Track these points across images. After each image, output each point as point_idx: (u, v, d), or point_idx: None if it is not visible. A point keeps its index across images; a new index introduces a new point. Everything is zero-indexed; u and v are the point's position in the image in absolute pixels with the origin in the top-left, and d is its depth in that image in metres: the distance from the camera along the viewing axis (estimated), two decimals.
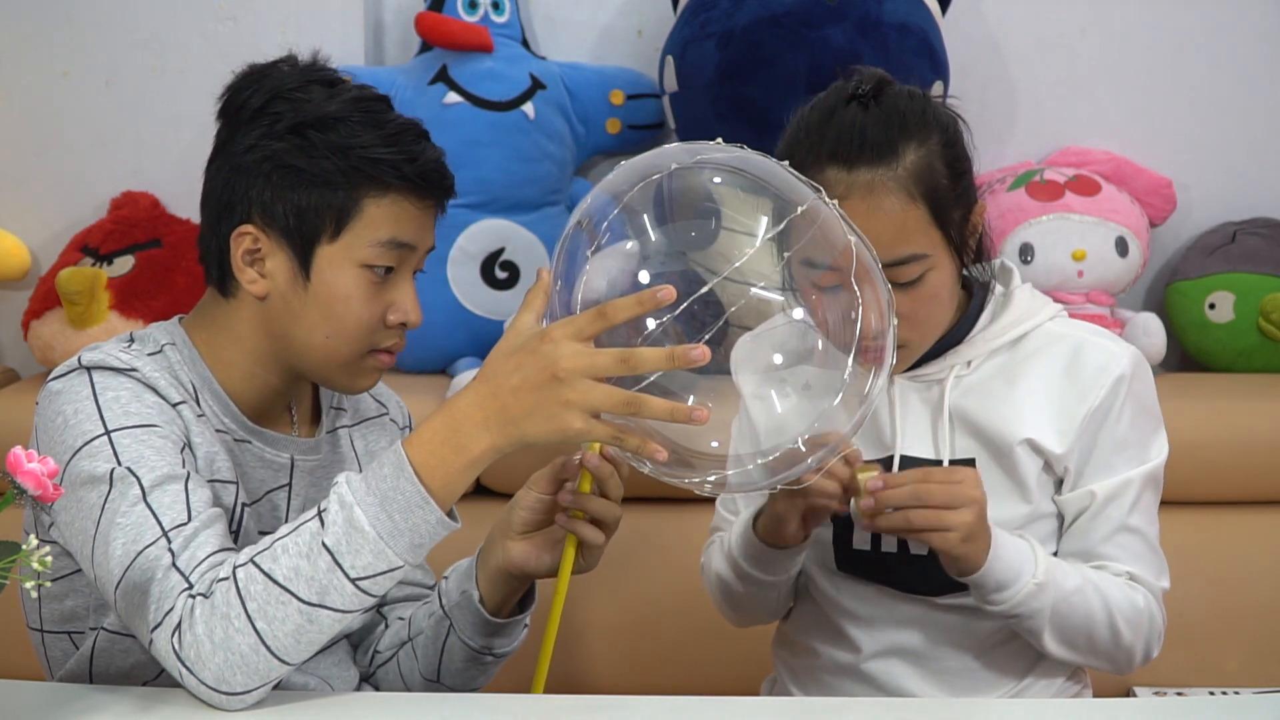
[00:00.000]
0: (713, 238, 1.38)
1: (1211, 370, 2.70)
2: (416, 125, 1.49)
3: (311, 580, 1.27)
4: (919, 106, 1.58)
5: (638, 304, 1.26)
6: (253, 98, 1.46)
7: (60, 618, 1.49)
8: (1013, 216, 2.65)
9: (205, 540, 1.33)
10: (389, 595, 1.67)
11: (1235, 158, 2.78)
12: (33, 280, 2.70)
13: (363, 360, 1.49)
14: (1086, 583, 1.58)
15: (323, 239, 1.45)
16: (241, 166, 1.46)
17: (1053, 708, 1.54)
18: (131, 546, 1.32)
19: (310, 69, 1.49)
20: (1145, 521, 1.65)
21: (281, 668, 1.29)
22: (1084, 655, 1.62)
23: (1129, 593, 1.61)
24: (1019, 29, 2.77)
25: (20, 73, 2.70)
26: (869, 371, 1.39)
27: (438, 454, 1.29)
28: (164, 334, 1.51)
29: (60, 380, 1.42)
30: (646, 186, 1.36)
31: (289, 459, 1.54)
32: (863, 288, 1.38)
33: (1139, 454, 1.64)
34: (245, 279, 1.47)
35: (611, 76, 2.69)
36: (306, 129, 1.44)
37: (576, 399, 1.26)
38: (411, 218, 1.47)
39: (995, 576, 1.53)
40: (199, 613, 1.28)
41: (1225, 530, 2.33)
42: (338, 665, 1.56)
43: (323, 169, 1.43)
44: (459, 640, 1.57)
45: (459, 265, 2.57)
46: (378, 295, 1.47)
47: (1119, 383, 1.61)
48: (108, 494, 1.34)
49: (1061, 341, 1.64)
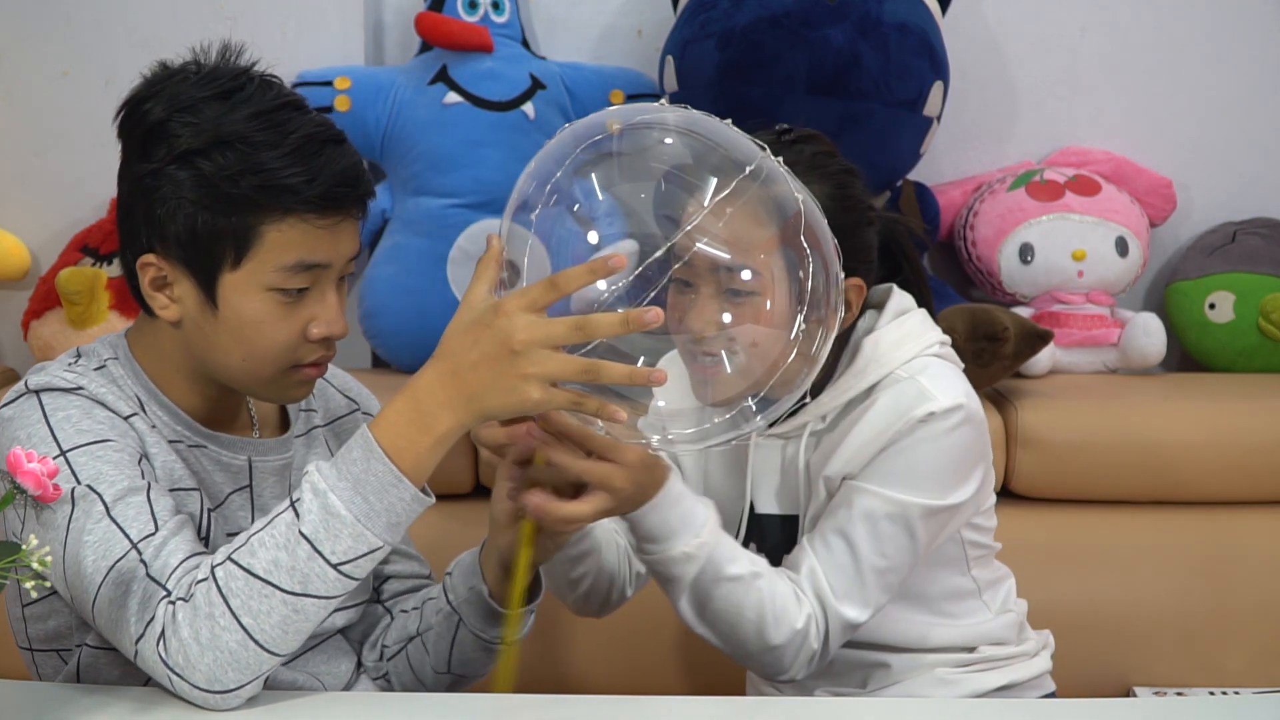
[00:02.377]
0: (661, 198, 1.39)
1: (1211, 370, 2.70)
2: (323, 131, 1.41)
3: (293, 570, 1.28)
4: (821, 160, 1.59)
5: (589, 272, 1.27)
6: (151, 111, 1.40)
7: (46, 637, 1.49)
8: (1013, 216, 2.65)
9: (175, 547, 1.33)
10: (390, 588, 1.67)
11: (1235, 158, 2.78)
12: (33, 280, 2.70)
13: (286, 376, 1.46)
14: (753, 578, 1.53)
15: (224, 267, 1.40)
16: (140, 191, 1.41)
17: (1053, 707, 1.54)
18: (102, 562, 1.32)
19: (210, 76, 1.42)
20: (871, 545, 1.56)
21: (271, 660, 1.30)
22: (725, 643, 1.57)
23: (791, 607, 1.54)
24: (1019, 29, 2.77)
25: (20, 73, 2.70)
26: (816, 330, 1.39)
27: (405, 434, 1.29)
28: (107, 349, 1.49)
29: (10, 407, 1.41)
30: (592, 149, 1.36)
31: (246, 460, 1.53)
32: (812, 247, 1.38)
33: (911, 483, 1.57)
34: (157, 305, 1.44)
35: (611, 76, 2.69)
36: (198, 156, 1.38)
37: (534, 370, 1.26)
38: (318, 237, 1.40)
39: (646, 526, 1.50)
40: (181, 617, 1.28)
41: (1225, 530, 2.33)
42: (328, 661, 1.56)
43: (216, 198, 1.37)
44: (470, 633, 1.58)
45: (459, 265, 2.57)
46: (292, 314, 1.42)
47: (925, 419, 1.56)
48: (71, 513, 1.33)
49: (896, 386, 1.60)
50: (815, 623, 1.56)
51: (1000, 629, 1.74)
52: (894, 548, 1.57)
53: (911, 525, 1.57)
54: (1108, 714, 1.48)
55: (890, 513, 1.57)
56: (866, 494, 1.57)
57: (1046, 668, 1.79)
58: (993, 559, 1.77)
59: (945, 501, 1.59)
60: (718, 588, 1.52)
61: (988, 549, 1.75)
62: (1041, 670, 1.78)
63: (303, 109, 1.43)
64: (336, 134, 1.43)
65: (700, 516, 1.52)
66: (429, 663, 1.62)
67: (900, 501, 1.57)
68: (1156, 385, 2.56)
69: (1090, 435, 2.34)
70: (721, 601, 1.53)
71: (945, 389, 1.59)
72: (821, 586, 1.56)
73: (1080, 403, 2.41)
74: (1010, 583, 1.79)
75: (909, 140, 2.56)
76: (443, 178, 2.57)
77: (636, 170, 1.39)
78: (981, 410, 1.62)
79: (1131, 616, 2.28)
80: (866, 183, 1.66)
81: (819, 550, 1.58)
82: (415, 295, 2.55)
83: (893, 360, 1.61)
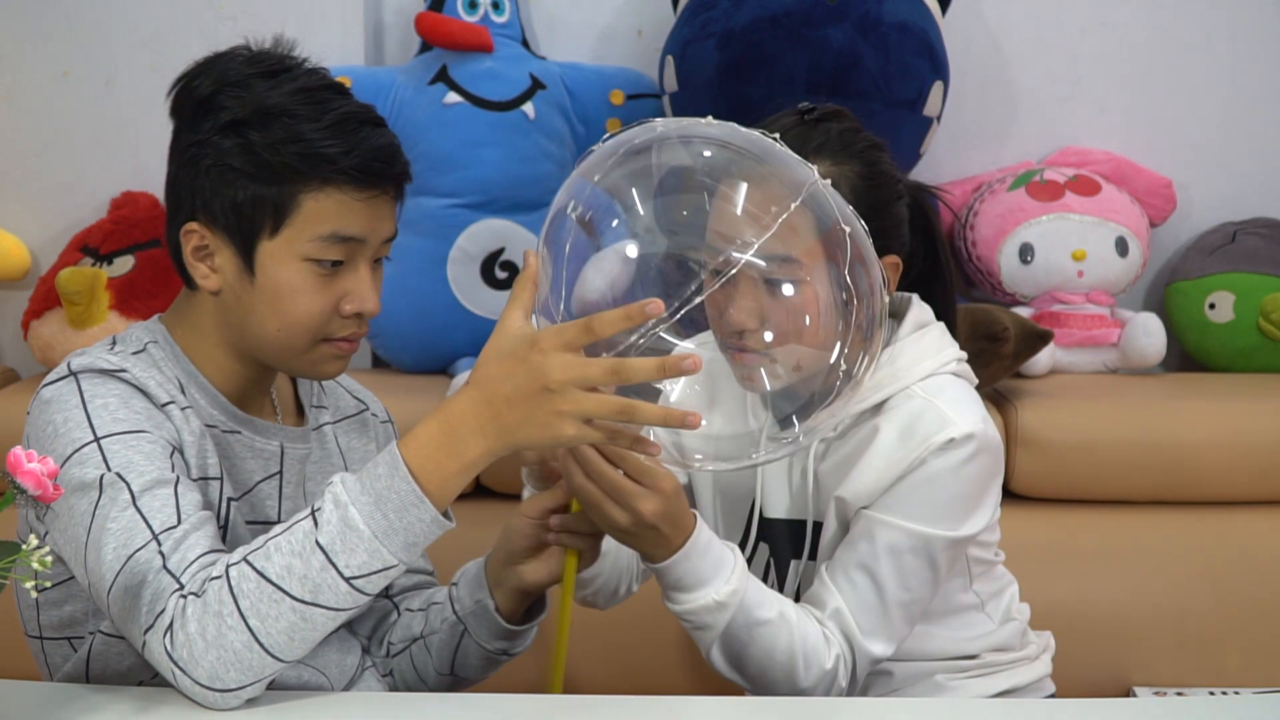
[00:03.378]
0: (707, 216, 1.38)
1: (1211, 370, 2.70)
2: (363, 112, 1.46)
3: (305, 579, 1.28)
4: (849, 137, 1.59)
5: (625, 318, 1.27)
6: (200, 87, 1.46)
7: (59, 624, 1.49)
8: (1013, 216, 2.65)
9: (195, 542, 1.33)
10: (398, 583, 1.68)
11: (1235, 158, 2.78)
12: (33, 280, 2.70)
13: (317, 349, 1.48)
14: (782, 620, 1.51)
15: (262, 235, 1.44)
16: (186, 162, 1.46)
17: (1053, 708, 1.54)
18: (122, 550, 1.32)
19: (260, 58, 1.48)
20: (895, 580, 1.55)
21: (275, 665, 1.30)
22: (755, 686, 1.55)
23: (820, 649, 1.53)
24: (1019, 29, 2.77)
25: (20, 73, 2.70)
26: (859, 353, 1.39)
27: (434, 458, 1.30)
28: (145, 333, 1.51)
29: (51, 388, 1.42)
30: (636, 165, 1.36)
31: (279, 446, 1.55)
32: (855, 269, 1.37)
33: (934, 516, 1.55)
34: (198, 275, 1.47)
35: (611, 76, 2.69)
36: (243, 126, 1.42)
37: (569, 408, 1.27)
38: (355, 210, 1.44)
39: (676, 575, 1.48)
40: (191, 611, 1.28)
41: (1225, 530, 2.34)
42: (334, 655, 1.56)
43: (257, 165, 1.42)
44: (475, 643, 1.60)
45: (459, 265, 2.57)
46: (327, 287, 1.45)
47: (944, 446, 1.54)
48: (98, 500, 1.34)
49: (909, 403, 1.57)
50: (843, 662, 1.55)
51: (1003, 637, 1.74)
52: (917, 580, 1.57)
53: (934, 557, 1.56)
54: (1108, 714, 1.48)
55: (913, 546, 1.55)
56: (888, 527, 1.55)
57: (1047, 671, 1.79)
58: (996, 568, 1.76)
59: (965, 532, 1.58)
60: (750, 633, 1.50)
61: (991, 562, 1.74)
62: (1042, 674, 1.77)
63: (344, 93, 1.48)
64: (376, 117, 1.47)
65: (729, 562, 1.50)
66: (431, 665, 1.63)
67: (923, 535, 1.55)
68: (1156, 385, 2.56)
69: (1090, 435, 2.34)
70: (754, 647, 1.51)
71: (963, 414, 1.56)
72: (849, 625, 1.55)
73: (1080, 403, 2.41)
74: (1013, 590, 1.78)
75: (909, 140, 2.56)
76: (443, 178, 2.57)
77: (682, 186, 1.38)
78: (997, 433, 1.60)
79: (1131, 616, 2.28)
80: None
81: (843, 588, 1.56)
82: (415, 295, 2.55)
83: (909, 376, 1.59)
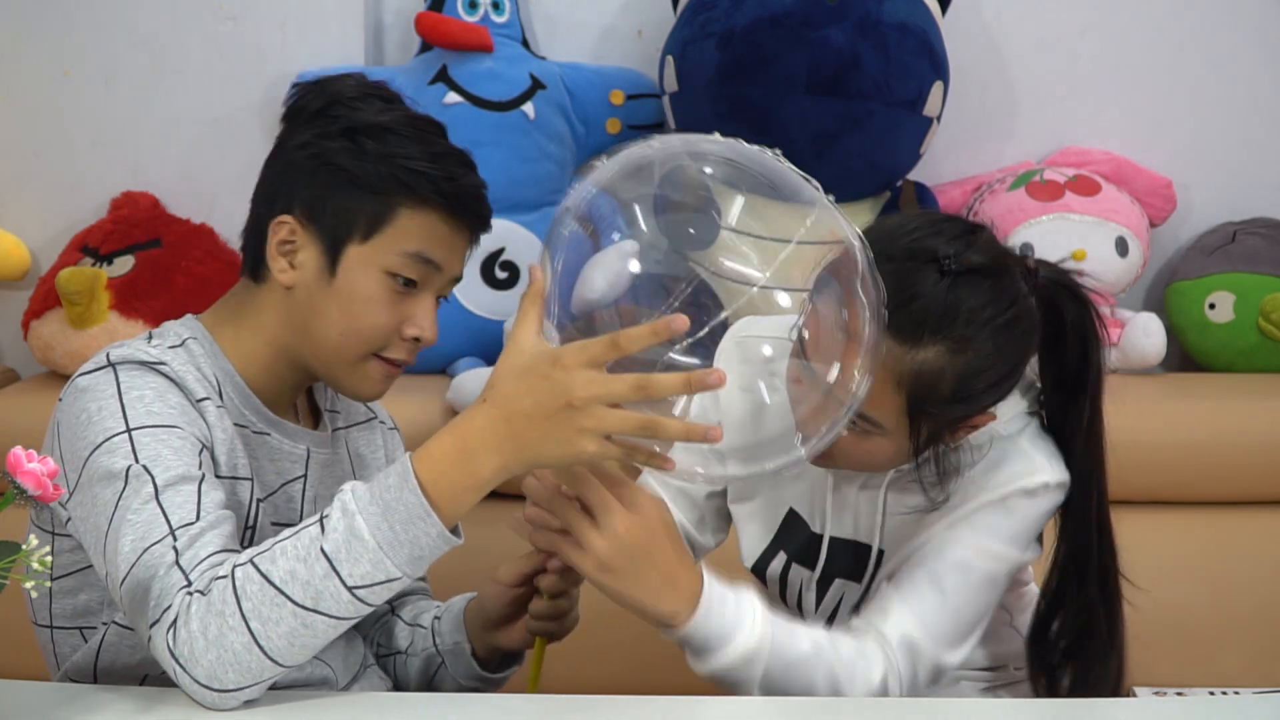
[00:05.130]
0: (715, 234, 1.38)
1: (1211, 370, 2.70)
2: (465, 155, 1.52)
3: (307, 585, 1.28)
4: (983, 313, 1.45)
5: (652, 334, 1.26)
6: (313, 101, 1.51)
7: (73, 613, 1.50)
8: (1013, 216, 2.65)
9: (209, 540, 1.34)
10: None
11: (1235, 158, 2.78)
12: (33, 280, 2.70)
13: (368, 363, 1.51)
14: (817, 652, 1.47)
15: (354, 239, 1.48)
16: (291, 161, 1.50)
17: (1053, 708, 1.54)
18: (139, 543, 1.33)
19: (372, 85, 1.53)
20: (963, 595, 1.54)
21: (274, 669, 1.30)
22: None
23: (862, 665, 1.49)
24: (1019, 29, 2.77)
25: (20, 73, 2.70)
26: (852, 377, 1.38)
27: (446, 473, 1.29)
28: (184, 329, 1.53)
29: (88, 377, 1.43)
30: (646, 181, 1.36)
31: (305, 450, 1.57)
32: (855, 291, 1.36)
33: (1009, 541, 1.55)
34: (277, 267, 1.50)
35: (611, 76, 2.69)
36: (357, 134, 1.48)
37: (592, 425, 1.26)
38: (442, 237, 1.49)
39: (700, 638, 1.42)
40: (195, 609, 1.28)
41: (1225, 530, 2.34)
42: (341, 647, 1.57)
43: (365, 172, 1.47)
44: (451, 677, 1.65)
45: None
46: (397, 305, 1.49)
47: (1031, 490, 1.54)
48: (122, 490, 1.35)
49: (993, 445, 1.56)
50: (894, 674, 1.51)
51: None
52: (984, 595, 1.56)
53: (999, 576, 1.56)
54: (1108, 714, 1.48)
55: (983, 564, 1.54)
56: (960, 545, 1.54)
57: None
58: (1029, 586, 1.76)
59: (1029, 556, 1.59)
60: (788, 673, 1.46)
61: (1024, 581, 1.75)
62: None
63: (445, 134, 1.54)
64: (471, 162, 1.53)
65: (748, 607, 1.44)
66: (411, 680, 1.68)
67: (995, 552, 1.55)
68: (1156, 385, 2.56)
69: None
70: (794, 685, 1.46)
71: (1051, 459, 1.57)
72: (914, 638, 1.52)
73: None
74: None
75: (909, 140, 2.56)
76: None
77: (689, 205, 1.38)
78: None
79: (1132, 616, 2.27)
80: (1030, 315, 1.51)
81: (911, 601, 1.53)
82: None
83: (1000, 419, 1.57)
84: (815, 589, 1.67)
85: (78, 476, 1.38)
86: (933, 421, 1.48)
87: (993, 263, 1.46)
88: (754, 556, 1.71)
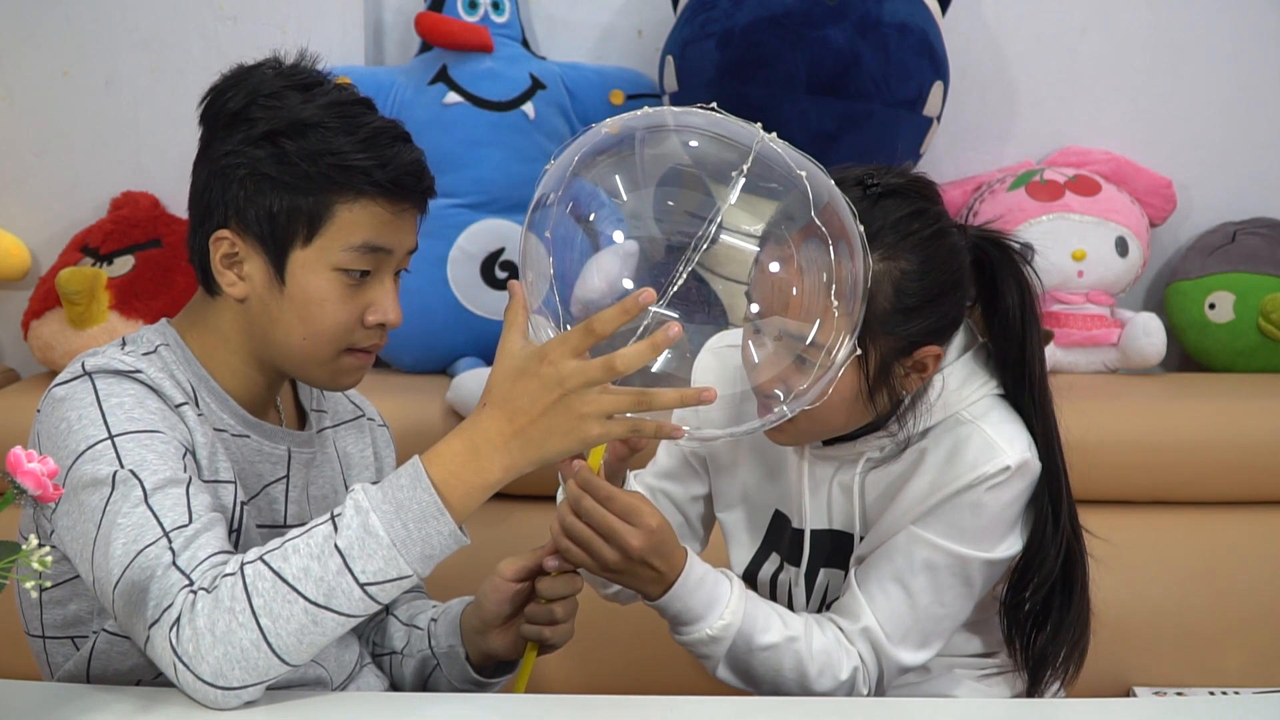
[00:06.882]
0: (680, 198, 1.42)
1: (1211, 370, 2.70)
2: (394, 127, 1.49)
3: (320, 581, 1.29)
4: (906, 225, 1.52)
5: (622, 312, 1.32)
6: (231, 100, 1.48)
7: (63, 623, 1.50)
8: (1013, 216, 2.65)
9: (206, 542, 1.34)
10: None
11: (1235, 158, 2.78)
12: (33, 280, 2.70)
13: (340, 359, 1.50)
14: (788, 643, 1.54)
15: (296, 244, 1.46)
16: (219, 171, 1.47)
17: (1053, 707, 1.54)
18: (132, 546, 1.33)
19: (291, 72, 1.50)
20: (931, 595, 1.57)
21: (280, 667, 1.30)
22: (767, 695, 1.58)
23: (834, 659, 1.56)
24: (1019, 29, 2.77)
25: (20, 73, 2.70)
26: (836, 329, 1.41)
27: (457, 473, 1.33)
28: (156, 335, 1.52)
29: (64, 387, 1.43)
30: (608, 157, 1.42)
31: (286, 450, 1.56)
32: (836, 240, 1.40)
33: (975, 538, 1.57)
34: (225, 281, 1.49)
35: (611, 76, 2.69)
36: (279, 136, 1.45)
37: (589, 409, 1.32)
38: (385, 222, 1.48)
39: (671, 613, 1.53)
40: (200, 606, 1.28)
41: (1225, 530, 2.33)
42: (335, 648, 1.57)
43: (294, 175, 1.45)
44: (446, 679, 1.65)
45: (459, 265, 2.57)
46: (354, 297, 1.48)
47: (994, 476, 1.55)
48: (109, 496, 1.35)
49: (957, 428, 1.58)
50: (862, 673, 1.57)
51: None
52: (952, 596, 1.58)
53: (970, 576, 1.58)
54: (1108, 714, 1.48)
55: (950, 564, 1.57)
56: (927, 545, 1.56)
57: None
58: None
59: (1001, 554, 1.59)
60: (752, 658, 1.54)
61: None
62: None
63: (373, 108, 1.51)
64: (404, 133, 1.51)
65: (723, 596, 1.53)
66: (407, 680, 1.69)
67: (962, 555, 1.57)
68: (1156, 385, 2.56)
69: (1090, 435, 2.33)
70: (759, 668, 1.55)
71: (1012, 441, 1.57)
72: (877, 635, 1.57)
73: (1080, 403, 2.40)
74: None
75: (909, 140, 2.56)
76: (443, 178, 2.52)
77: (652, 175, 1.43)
78: (1037, 458, 1.60)
79: (1131, 616, 2.27)
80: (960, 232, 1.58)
81: (876, 598, 1.58)
82: (415, 295, 2.54)
83: (957, 401, 1.59)
84: (804, 582, 1.69)
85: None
86: (879, 344, 1.50)
87: (910, 185, 1.55)
88: (744, 564, 1.74)
